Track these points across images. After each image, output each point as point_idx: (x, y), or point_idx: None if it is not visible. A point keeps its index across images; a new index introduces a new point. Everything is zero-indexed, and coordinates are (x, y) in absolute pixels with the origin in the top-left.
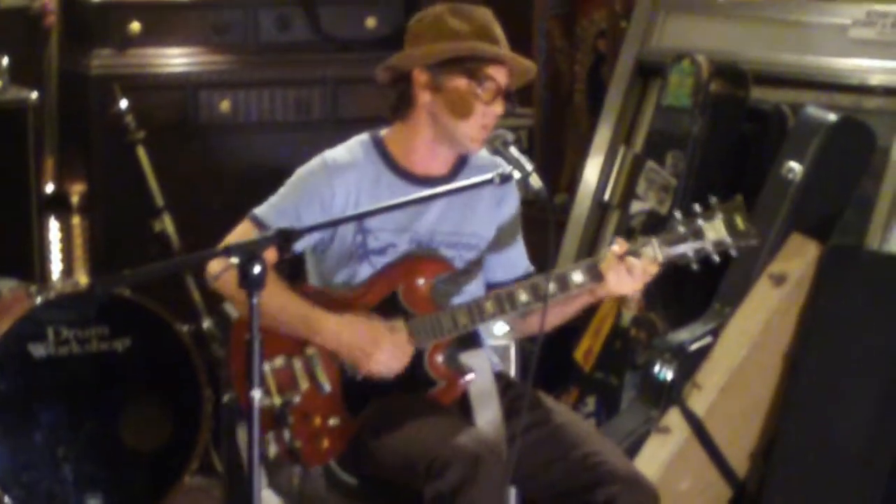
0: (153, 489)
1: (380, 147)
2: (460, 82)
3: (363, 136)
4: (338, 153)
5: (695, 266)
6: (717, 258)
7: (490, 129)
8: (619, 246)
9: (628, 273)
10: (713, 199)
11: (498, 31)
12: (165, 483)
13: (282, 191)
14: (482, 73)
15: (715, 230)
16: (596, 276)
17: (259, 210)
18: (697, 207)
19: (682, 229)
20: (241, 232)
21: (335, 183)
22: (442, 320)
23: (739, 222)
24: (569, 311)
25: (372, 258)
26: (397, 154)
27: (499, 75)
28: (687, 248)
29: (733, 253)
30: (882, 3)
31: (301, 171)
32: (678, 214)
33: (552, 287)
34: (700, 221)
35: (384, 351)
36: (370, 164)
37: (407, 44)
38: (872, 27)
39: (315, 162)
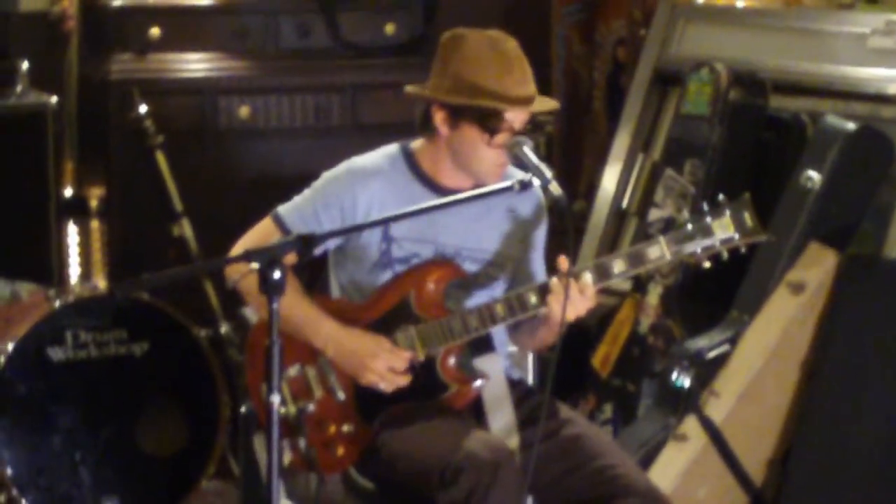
0: (170, 493)
1: (409, 158)
2: (474, 129)
3: (393, 147)
4: (365, 160)
5: (706, 264)
6: (726, 255)
7: (506, 163)
8: (561, 266)
9: (569, 296)
10: (721, 197)
11: (521, 69)
12: (182, 487)
13: (306, 193)
14: (497, 121)
15: (723, 227)
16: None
17: (283, 209)
18: (706, 206)
19: (690, 227)
20: (263, 229)
21: (357, 190)
22: (452, 324)
23: (748, 219)
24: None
25: (395, 267)
26: (427, 166)
27: (513, 117)
28: (695, 246)
29: (742, 250)
30: None
31: (326, 176)
32: (686, 213)
33: (535, 299)
34: (708, 219)
35: (381, 363)
36: (398, 174)
37: (434, 65)
38: (891, 36)
39: (340, 168)
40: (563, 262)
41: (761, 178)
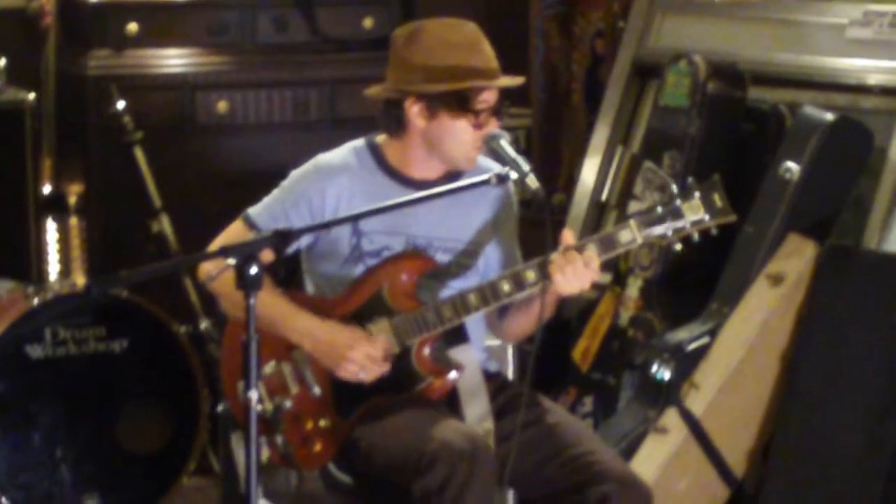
0: (151, 490)
1: (375, 152)
2: (453, 113)
3: (359, 141)
4: (330, 156)
5: (678, 247)
6: (696, 237)
7: (481, 146)
8: (564, 240)
9: (573, 270)
10: (690, 180)
11: (486, 48)
12: (163, 484)
13: (275, 192)
14: (475, 101)
15: (693, 209)
16: (545, 273)
17: (253, 210)
18: (675, 189)
19: (660, 210)
20: (234, 231)
21: (325, 186)
22: (426, 315)
23: (717, 200)
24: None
25: (367, 260)
26: (393, 159)
27: (490, 96)
28: (666, 229)
29: (714, 231)
30: (879, 3)
31: (293, 174)
32: (657, 196)
33: (507, 287)
34: (678, 202)
35: (358, 353)
36: (364, 169)
37: (393, 62)
38: (870, 27)
39: (307, 165)
40: (566, 236)
41: (740, 169)
